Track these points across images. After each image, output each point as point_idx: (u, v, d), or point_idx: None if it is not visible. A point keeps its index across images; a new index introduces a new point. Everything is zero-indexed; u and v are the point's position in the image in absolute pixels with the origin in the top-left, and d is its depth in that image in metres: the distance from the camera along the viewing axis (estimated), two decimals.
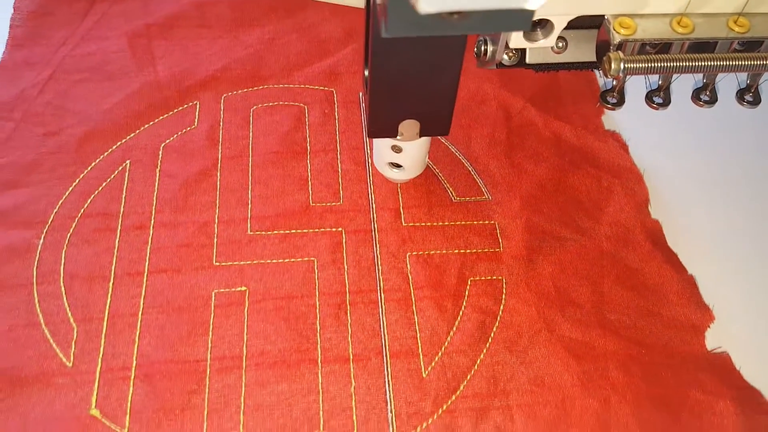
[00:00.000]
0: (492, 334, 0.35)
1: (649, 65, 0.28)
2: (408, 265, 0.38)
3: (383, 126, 0.33)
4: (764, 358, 0.35)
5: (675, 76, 0.31)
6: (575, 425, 0.32)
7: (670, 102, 0.33)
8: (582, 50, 0.32)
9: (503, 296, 0.37)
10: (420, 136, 0.34)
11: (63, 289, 0.36)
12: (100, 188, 0.40)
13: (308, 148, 0.42)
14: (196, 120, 0.43)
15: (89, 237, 0.38)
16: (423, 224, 0.39)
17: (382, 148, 0.37)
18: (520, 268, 0.38)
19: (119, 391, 0.33)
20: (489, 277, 0.37)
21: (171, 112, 0.44)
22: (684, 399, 0.33)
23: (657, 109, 0.33)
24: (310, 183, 0.41)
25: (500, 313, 0.36)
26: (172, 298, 0.36)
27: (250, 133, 0.43)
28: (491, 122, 0.44)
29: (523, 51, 0.32)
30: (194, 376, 0.34)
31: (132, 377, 0.33)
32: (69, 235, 0.38)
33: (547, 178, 0.41)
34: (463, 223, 0.39)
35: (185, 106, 0.44)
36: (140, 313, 0.35)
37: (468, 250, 0.38)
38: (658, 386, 0.34)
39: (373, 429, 0.32)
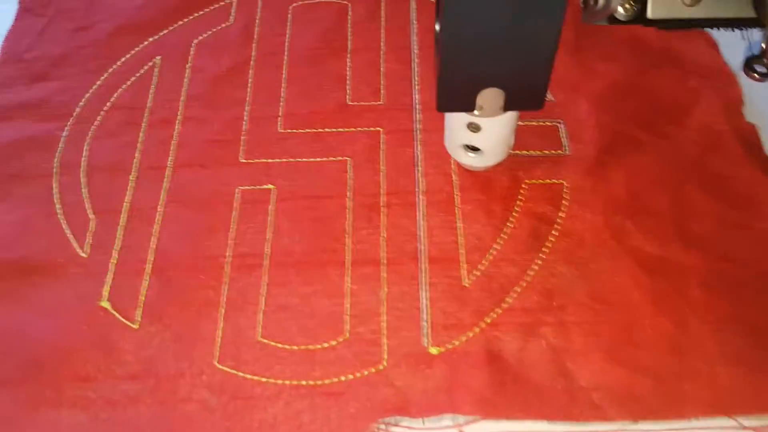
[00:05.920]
0: (548, 243, 0.31)
1: None
2: (453, 166, 0.33)
3: (457, 96, 0.26)
4: None
5: None
6: (643, 348, 0.27)
7: None
8: (721, 3, 0.25)
9: (563, 201, 0.32)
10: (504, 111, 0.27)
11: (83, 180, 0.34)
12: (129, 83, 0.38)
13: (349, 46, 0.38)
14: (231, 17, 0.40)
15: (114, 130, 0.36)
16: None
17: (455, 125, 0.30)
18: (586, 171, 0.32)
19: (132, 284, 0.31)
20: (547, 181, 0.32)
21: (205, 10, 0.41)
22: None
23: None
24: (348, 81, 0.37)
25: (559, 219, 0.31)
26: (194, 193, 0.33)
27: (288, 31, 0.39)
28: None
29: (644, 1, 0.25)
30: (212, 273, 0.31)
31: (147, 271, 0.31)
32: (93, 127, 0.36)
33: (621, 79, 0.36)
34: (521, 123, 0.34)
35: (221, 3, 0.41)
36: (160, 206, 0.33)
37: (525, 152, 0.33)
38: (745, 307, 0.28)
39: (404, 339, 0.28)
